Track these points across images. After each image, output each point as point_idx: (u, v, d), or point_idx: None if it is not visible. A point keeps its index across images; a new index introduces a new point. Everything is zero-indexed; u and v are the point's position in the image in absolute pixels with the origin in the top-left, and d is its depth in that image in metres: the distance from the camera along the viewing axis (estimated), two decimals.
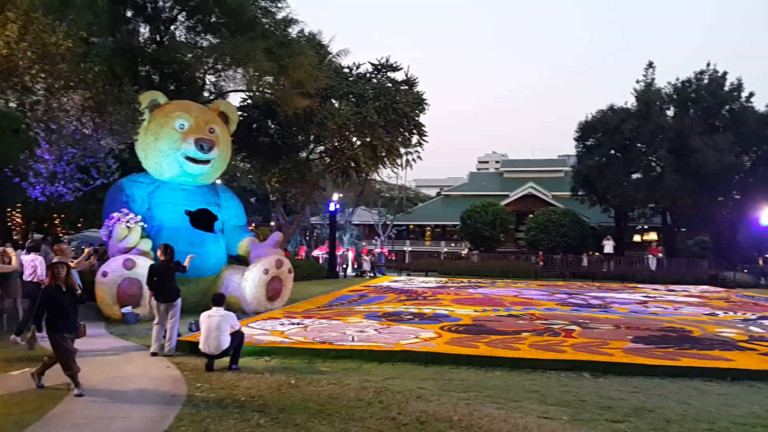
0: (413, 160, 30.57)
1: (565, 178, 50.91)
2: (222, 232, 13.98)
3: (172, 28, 18.94)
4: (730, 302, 18.29)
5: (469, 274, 31.93)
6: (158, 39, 18.60)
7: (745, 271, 35.51)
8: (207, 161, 13.51)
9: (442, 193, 64.16)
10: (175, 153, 13.13)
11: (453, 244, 51.78)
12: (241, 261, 14.56)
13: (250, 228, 26.47)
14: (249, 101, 24.90)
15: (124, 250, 12.05)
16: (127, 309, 11.27)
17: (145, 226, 12.71)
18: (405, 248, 53.03)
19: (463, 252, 44.05)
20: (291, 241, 35.34)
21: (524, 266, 34.60)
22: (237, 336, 7.51)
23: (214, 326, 7.35)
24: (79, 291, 6.45)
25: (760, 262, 43.74)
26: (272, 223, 39.99)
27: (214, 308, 7.56)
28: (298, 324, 10.59)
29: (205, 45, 18.99)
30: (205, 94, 20.78)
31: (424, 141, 28.14)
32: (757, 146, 36.00)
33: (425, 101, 27.01)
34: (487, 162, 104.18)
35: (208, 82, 20.59)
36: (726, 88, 36.18)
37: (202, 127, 13.50)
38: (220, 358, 7.33)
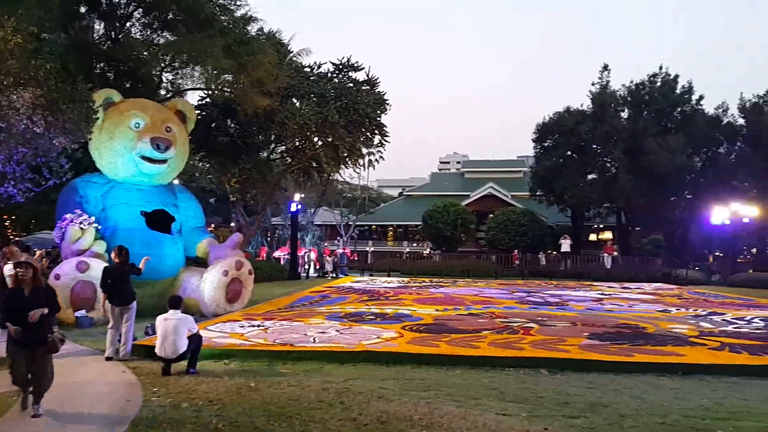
0: (375, 160, 30.59)
1: (524, 178, 51.83)
2: (180, 234, 13.72)
3: (127, 24, 18.50)
4: (683, 299, 18.89)
5: (431, 274, 32.15)
6: (113, 36, 18.14)
7: (697, 268, 36.76)
8: (163, 161, 13.25)
9: (404, 193, 64.47)
10: (130, 152, 12.83)
11: (415, 244, 52.09)
12: (199, 263, 14.31)
13: (210, 229, 26.08)
14: (207, 100, 24.53)
15: (77, 253, 11.71)
16: (81, 313, 10.97)
17: (100, 227, 12.39)
18: (367, 249, 53.06)
19: (425, 252, 44.35)
20: (252, 242, 34.93)
21: (485, 266, 35.04)
22: (194, 339, 7.39)
23: (170, 329, 7.21)
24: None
25: (711, 260, 45.36)
26: (232, 224, 39.47)
27: (171, 311, 7.42)
28: (258, 326, 10.48)
29: (161, 42, 18.61)
30: (162, 92, 20.38)
31: (386, 141, 28.21)
32: (707, 147, 37.35)
33: (387, 101, 27.08)
34: (448, 162, 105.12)
35: (165, 80, 20.19)
36: (677, 91, 37.41)
37: (159, 126, 13.23)
38: (177, 362, 7.19)
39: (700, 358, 8.06)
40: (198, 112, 21.31)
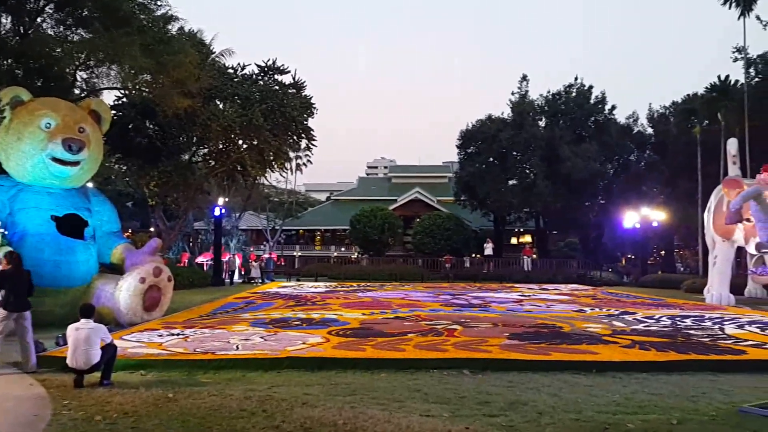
0: (303, 164, 30.45)
1: (449, 183, 52.92)
2: (93, 239, 13.08)
3: (38, 20, 17.50)
4: (597, 299, 19.83)
5: (359, 278, 32.21)
6: (23, 31, 17.10)
7: (610, 270, 38.75)
8: (76, 163, 12.59)
9: (332, 197, 64.30)
10: (40, 154, 12.12)
11: (343, 249, 52.01)
12: (115, 270, 13.67)
13: (126, 234, 25.03)
14: (125, 100, 23.61)
15: None
16: None
17: (6, 233, 11.61)
18: (295, 253, 52.50)
19: (353, 256, 44.37)
20: (173, 248, 33.80)
21: (412, 269, 35.47)
22: (108, 349, 7.05)
23: (82, 339, 6.85)
24: None
25: (623, 262, 47.92)
26: (151, 229, 37.98)
27: (83, 320, 7.05)
28: (177, 335, 10.13)
29: (76, 39, 17.75)
30: (76, 91, 19.45)
31: (313, 145, 28.13)
32: (618, 155, 39.52)
33: (314, 105, 27.01)
34: (376, 167, 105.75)
35: (79, 78, 19.29)
36: (591, 101, 39.35)
37: (71, 126, 12.57)
38: (90, 373, 6.84)
39: (612, 356, 8.46)
40: (114, 112, 20.48)
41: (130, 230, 41.54)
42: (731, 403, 6.06)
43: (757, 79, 29.98)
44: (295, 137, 27.06)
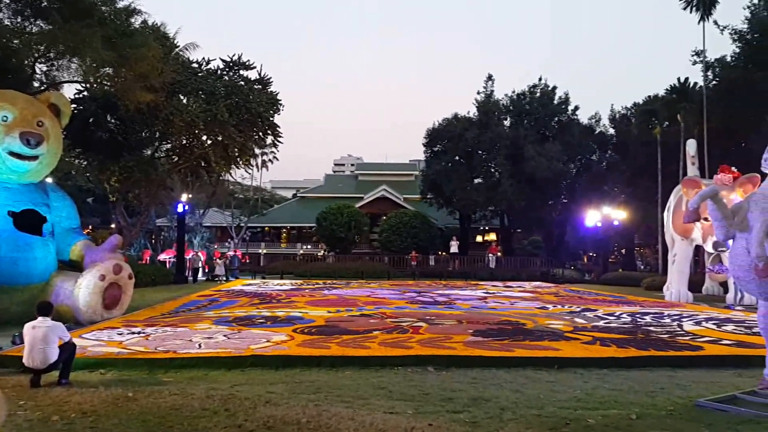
0: (269, 160, 30.14)
1: (415, 181, 53.12)
2: (52, 236, 12.72)
3: None
4: (559, 296, 20.16)
5: (325, 276, 32.08)
6: None
7: (572, 267, 39.50)
8: (34, 157, 12.22)
9: (299, 194, 63.86)
10: None
11: (309, 246, 51.72)
12: (74, 267, 13.33)
13: (86, 231, 24.40)
14: (85, 93, 23.00)
15: None
16: None
17: None
18: (260, 251, 51.96)
19: (319, 254, 44.18)
20: (134, 245, 33.11)
21: (378, 267, 35.50)
22: (67, 348, 6.86)
23: (39, 338, 6.66)
24: None
25: (585, 260, 48.86)
26: (112, 226, 37.13)
27: (40, 318, 6.85)
28: (138, 333, 9.93)
29: (35, 31, 17.22)
30: (35, 84, 18.92)
31: (279, 142, 27.88)
32: (581, 155, 40.23)
33: (280, 101, 26.76)
34: (343, 165, 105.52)
35: (38, 71, 18.74)
36: (555, 102, 39.94)
37: (29, 119, 12.18)
38: (47, 372, 6.65)
39: (574, 352, 8.60)
40: (74, 106, 19.95)
41: (90, 227, 40.54)
42: (688, 397, 6.22)
43: (714, 82, 30.88)
44: (260, 133, 26.77)
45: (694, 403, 5.97)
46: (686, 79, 31.22)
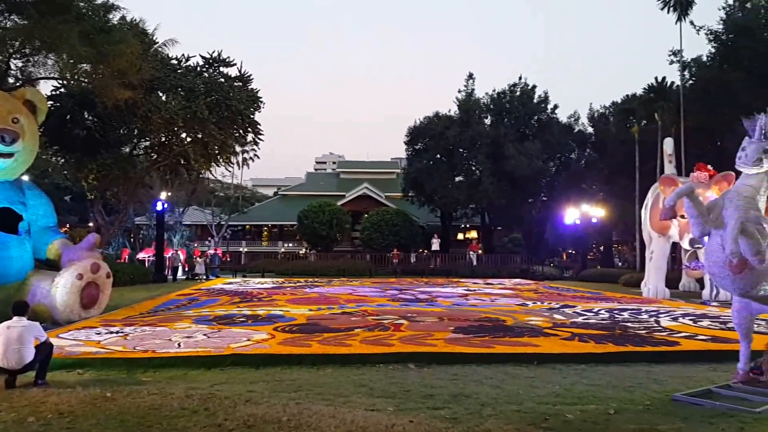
0: (250, 158, 29.94)
1: (397, 179, 53.17)
2: (28, 234, 12.49)
3: None
4: (539, 293, 20.36)
5: (307, 274, 32.00)
6: None
7: (552, 264, 39.84)
8: (9, 155, 11.96)
9: (280, 192, 63.54)
10: None
11: (291, 244, 51.51)
12: (51, 266, 13.12)
13: (64, 229, 24.06)
14: (62, 90, 22.64)
15: None
16: None
17: None
18: (241, 249, 51.63)
19: (301, 252, 44.03)
20: (113, 243, 32.67)
21: (360, 265, 35.49)
22: (43, 348, 6.76)
23: (14, 338, 6.55)
24: None
25: (564, 257, 49.32)
26: (90, 224, 36.63)
27: (15, 318, 6.73)
28: (117, 333, 9.82)
29: (9, 26, 16.91)
30: (10, 80, 18.60)
31: (260, 139, 27.73)
32: (560, 153, 40.59)
33: (260, 99, 26.59)
34: (324, 162, 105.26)
35: (13, 66, 18.43)
36: (535, 100, 40.22)
37: (4, 116, 11.92)
38: (22, 373, 6.54)
39: (552, 348, 8.69)
40: (51, 102, 19.67)
41: (67, 225, 39.95)
42: (665, 392, 6.32)
43: (691, 82, 31.36)
44: (241, 131, 26.58)
45: (670, 397, 6.07)
46: (663, 78, 31.68)
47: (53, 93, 22.59)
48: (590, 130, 40.98)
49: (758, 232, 5.68)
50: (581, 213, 33.62)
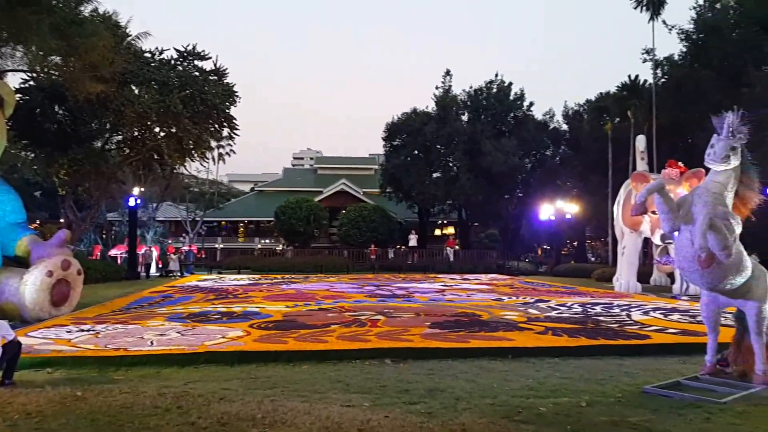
0: (226, 153, 29.62)
1: (375, 175, 53.15)
2: None
3: None
4: (514, 288, 20.55)
5: (284, 270, 31.81)
6: None
7: (527, 260, 40.24)
8: None
9: (257, 188, 63.01)
10: None
11: (267, 241, 51.17)
12: (20, 263, 12.84)
13: (33, 226, 23.57)
14: (32, 83, 22.14)
15: None
16: None
17: None
18: (216, 245, 51.12)
19: (278, 248, 43.77)
20: (84, 240, 32.14)
21: (337, 261, 35.41)
22: (11, 347, 6.60)
23: None
24: None
25: (539, 252, 49.86)
26: (61, 220, 35.93)
27: None
28: (88, 331, 9.66)
29: None
30: None
31: (236, 134, 27.46)
32: (536, 150, 40.98)
33: (236, 93, 26.33)
34: (302, 158, 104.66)
35: None
36: (511, 98, 40.49)
37: None
38: None
39: (527, 342, 8.79)
40: (20, 95, 19.24)
41: (38, 221, 39.14)
42: (636, 384, 6.44)
43: (663, 80, 31.86)
44: (216, 126, 26.29)
45: (641, 389, 6.19)
46: (636, 76, 32.14)
47: (22, 86, 22.09)
48: (565, 127, 41.42)
49: (726, 227, 5.80)
50: (556, 209, 34.00)
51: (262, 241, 51.72)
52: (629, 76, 32.06)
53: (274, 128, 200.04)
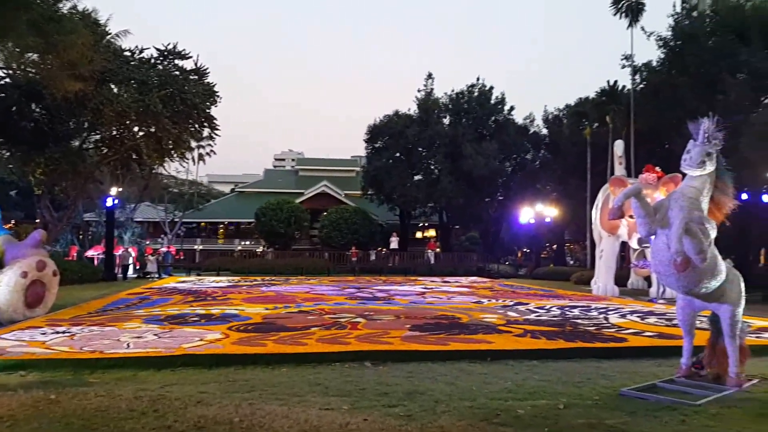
0: (207, 154, 29.39)
1: (356, 177, 53.09)
2: None
3: None
4: (494, 291, 20.66)
5: (264, 272, 31.65)
6: None
7: (507, 263, 40.48)
8: None
9: (237, 189, 62.56)
10: None
11: (248, 242, 50.81)
12: None
13: (8, 225, 23.12)
14: (8, 80, 21.76)
15: None
16: None
17: None
18: (195, 247, 50.67)
19: (258, 250, 43.50)
20: (60, 240, 31.63)
21: (318, 263, 35.31)
22: None
23: None
24: None
25: (519, 255, 50.17)
26: (37, 220, 35.31)
27: None
28: (63, 333, 9.49)
29: None
30: None
31: (216, 134, 27.25)
32: (516, 154, 41.29)
33: (217, 93, 26.13)
34: (283, 159, 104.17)
35: None
36: (492, 101, 40.75)
37: None
38: None
39: (506, 345, 8.83)
40: None
41: (13, 221, 38.41)
42: (612, 387, 6.49)
43: (641, 86, 32.28)
44: (196, 125, 26.06)
45: (618, 392, 6.24)
46: (615, 82, 32.56)
47: None
48: (545, 131, 41.77)
49: (701, 231, 5.88)
50: (535, 212, 34.28)
51: (243, 243, 51.36)
52: (608, 82, 32.50)
53: (256, 129, 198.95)
